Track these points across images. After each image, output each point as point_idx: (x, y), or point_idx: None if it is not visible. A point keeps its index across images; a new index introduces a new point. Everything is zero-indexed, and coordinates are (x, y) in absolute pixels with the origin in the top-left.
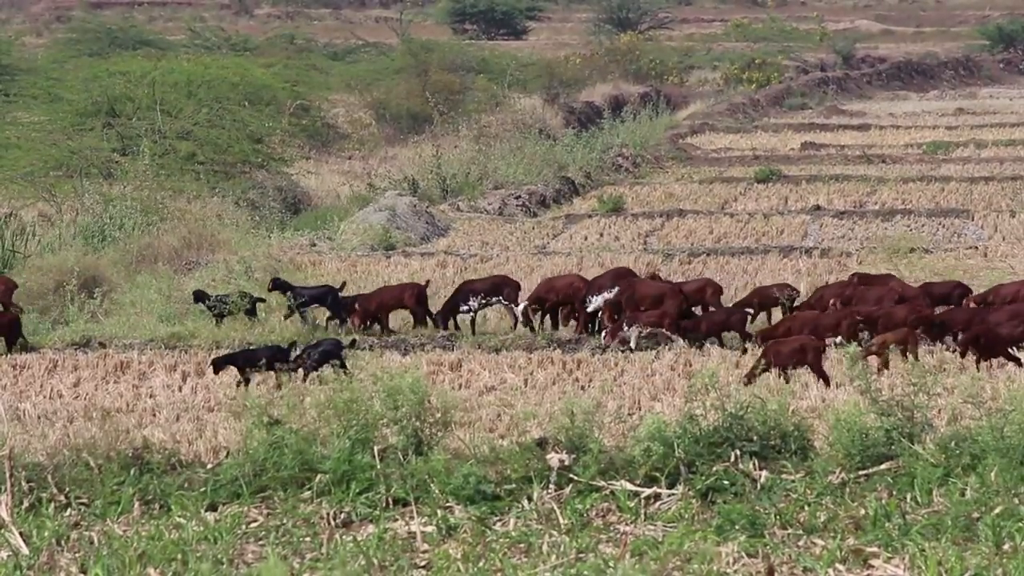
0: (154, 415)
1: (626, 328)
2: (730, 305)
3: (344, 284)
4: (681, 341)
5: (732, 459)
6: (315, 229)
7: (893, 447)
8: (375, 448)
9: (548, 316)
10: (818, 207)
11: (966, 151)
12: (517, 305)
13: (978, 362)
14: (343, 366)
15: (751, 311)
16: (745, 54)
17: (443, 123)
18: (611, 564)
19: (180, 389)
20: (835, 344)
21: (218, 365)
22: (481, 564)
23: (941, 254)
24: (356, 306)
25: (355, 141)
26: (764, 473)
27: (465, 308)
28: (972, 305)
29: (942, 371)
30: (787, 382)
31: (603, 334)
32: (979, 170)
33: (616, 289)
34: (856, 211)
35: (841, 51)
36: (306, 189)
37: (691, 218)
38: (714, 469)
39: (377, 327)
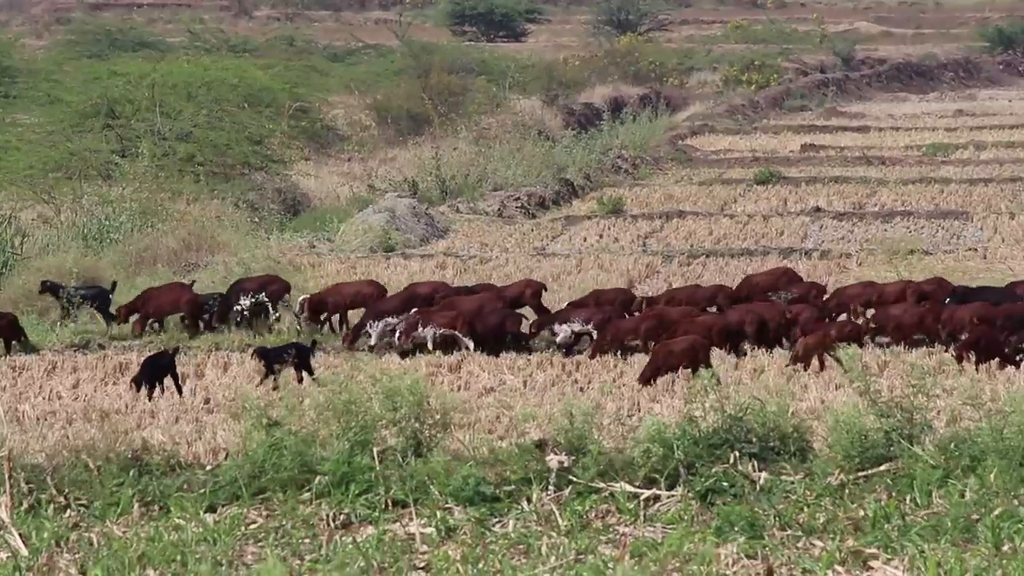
0: (153, 416)
1: (421, 329)
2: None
3: (115, 284)
4: (471, 344)
5: (731, 461)
6: (314, 231)
7: (892, 448)
8: (374, 450)
9: (330, 320)
10: (818, 209)
11: (966, 153)
12: (286, 304)
13: (977, 364)
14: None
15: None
16: (745, 56)
17: (442, 125)
18: (610, 565)
19: (179, 390)
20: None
21: (265, 356)
22: (480, 565)
23: (940, 256)
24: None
25: (355, 143)
26: (763, 475)
27: (237, 307)
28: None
29: (941, 372)
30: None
31: (397, 334)
32: (978, 172)
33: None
34: (856, 213)
35: (841, 53)
36: (305, 191)
37: (691, 220)
38: (713, 471)
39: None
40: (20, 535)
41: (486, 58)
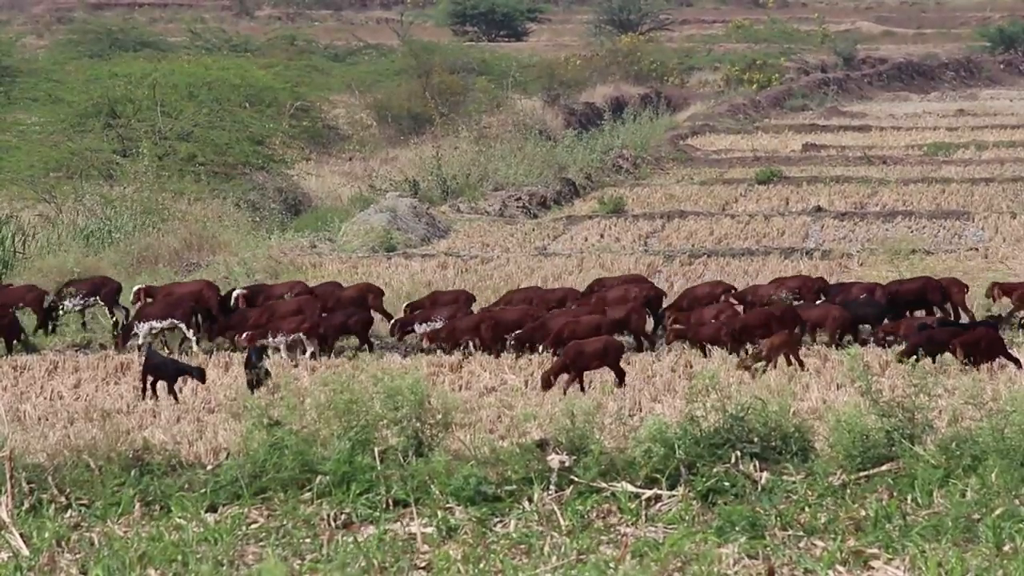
0: (154, 416)
1: (270, 337)
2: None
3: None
4: (313, 347)
5: (733, 460)
6: (316, 230)
7: (894, 448)
8: (375, 449)
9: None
10: (819, 208)
11: (967, 152)
12: (117, 306)
13: (977, 364)
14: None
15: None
16: (746, 55)
17: (444, 124)
18: (612, 565)
19: (180, 390)
20: None
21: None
22: (481, 565)
23: (942, 255)
24: None
25: (356, 142)
26: (765, 474)
27: (63, 307)
28: (732, 302)
29: (943, 372)
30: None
31: (241, 337)
32: (980, 171)
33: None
34: (857, 212)
35: (842, 52)
36: (307, 190)
37: (692, 219)
38: (715, 470)
39: None
40: (21, 535)
41: (487, 58)
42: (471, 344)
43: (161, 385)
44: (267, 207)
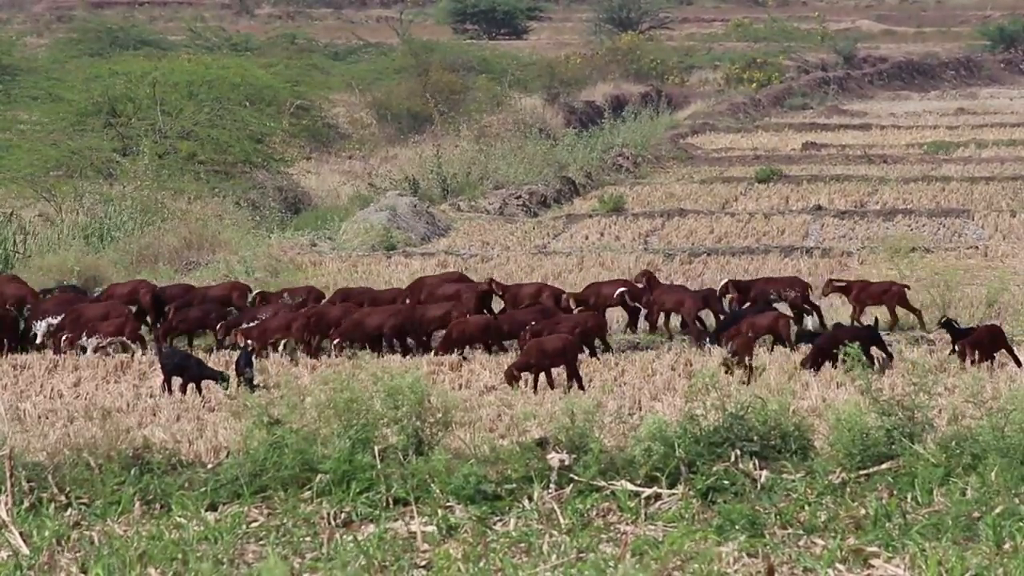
0: (154, 415)
1: (84, 339)
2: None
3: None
4: (137, 348)
5: (732, 459)
6: (316, 229)
7: (894, 447)
8: (375, 448)
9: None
10: (819, 207)
11: (967, 151)
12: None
13: (978, 362)
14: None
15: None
16: (746, 54)
17: (444, 123)
18: (612, 564)
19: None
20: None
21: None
22: (481, 564)
23: (942, 254)
24: None
25: (356, 141)
26: (764, 473)
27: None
28: (573, 304)
29: (943, 371)
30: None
31: (65, 339)
32: (980, 170)
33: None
34: (857, 211)
35: (842, 51)
36: (306, 189)
37: (692, 218)
38: (714, 469)
39: None
40: (21, 534)
41: (487, 56)
42: (283, 344)
43: (178, 383)
44: (267, 206)
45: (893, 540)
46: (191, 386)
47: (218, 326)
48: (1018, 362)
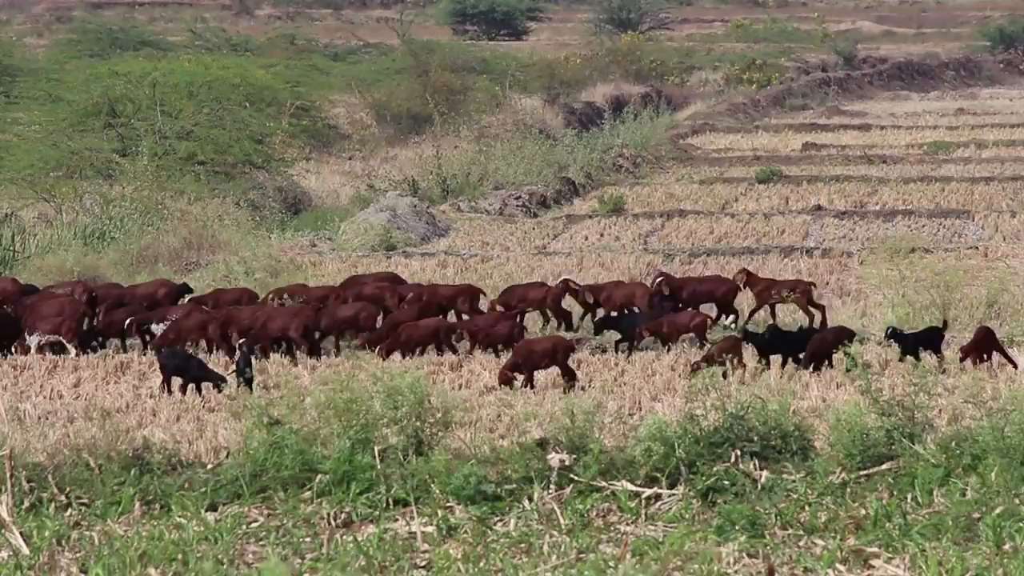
0: (154, 415)
1: (27, 337)
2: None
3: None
4: (73, 350)
5: (733, 459)
6: (316, 230)
7: (894, 447)
8: (375, 448)
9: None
10: (819, 207)
11: (967, 151)
12: None
13: (976, 363)
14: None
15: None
16: (746, 55)
17: (444, 123)
18: (612, 564)
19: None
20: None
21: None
22: (481, 564)
23: (941, 254)
24: None
25: (356, 141)
26: (765, 473)
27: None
28: (498, 308)
29: (943, 371)
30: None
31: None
32: (980, 170)
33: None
34: (857, 211)
35: (842, 52)
36: (306, 189)
37: (692, 218)
38: (715, 469)
39: None
40: (21, 534)
41: (487, 57)
42: (196, 344)
43: (178, 383)
44: (267, 206)
45: (893, 540)
46: (191, 387)
47: (126, 323)
48: (1014, 364)
